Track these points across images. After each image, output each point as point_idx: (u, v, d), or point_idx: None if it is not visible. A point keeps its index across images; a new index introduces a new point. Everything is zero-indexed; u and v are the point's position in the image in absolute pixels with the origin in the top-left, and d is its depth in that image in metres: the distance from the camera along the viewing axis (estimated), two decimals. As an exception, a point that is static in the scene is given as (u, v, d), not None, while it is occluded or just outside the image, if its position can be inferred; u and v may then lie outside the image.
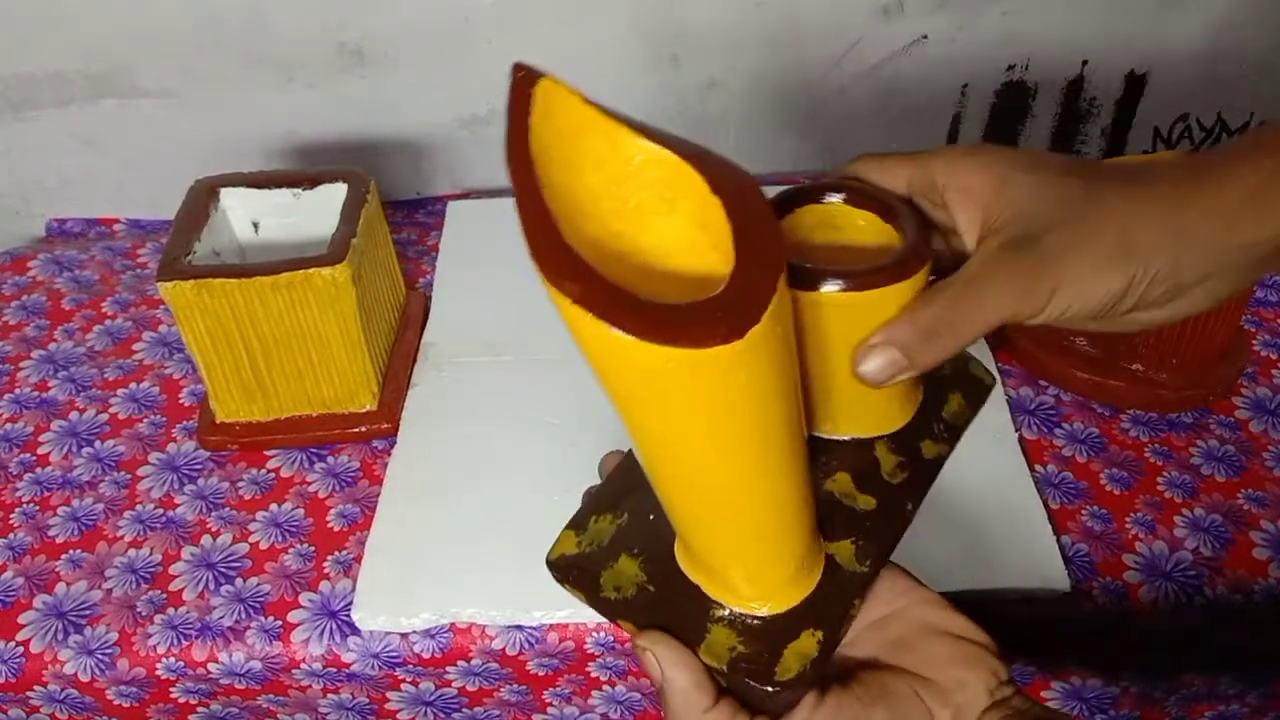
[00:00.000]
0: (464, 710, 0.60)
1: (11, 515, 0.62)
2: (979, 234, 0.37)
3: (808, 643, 0.37)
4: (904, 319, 0.35)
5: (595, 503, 0.42)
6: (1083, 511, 0.59)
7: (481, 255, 0.77)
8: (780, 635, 0.37)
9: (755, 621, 0.37)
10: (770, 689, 0.36)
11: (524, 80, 0.31)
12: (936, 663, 0.39)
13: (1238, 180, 0.35)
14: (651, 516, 0.40)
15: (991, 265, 0.35)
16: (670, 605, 0.38)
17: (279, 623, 0.56)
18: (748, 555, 0.36)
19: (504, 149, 0.30)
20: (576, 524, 0.41)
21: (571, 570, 0.40)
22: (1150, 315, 0.37)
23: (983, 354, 0.68)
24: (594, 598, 0.39)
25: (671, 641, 0.37)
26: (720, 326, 0.27)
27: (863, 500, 0.40)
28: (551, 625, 0.55)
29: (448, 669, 0.56)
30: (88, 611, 0.57)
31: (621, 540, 0.40)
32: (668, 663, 0.37)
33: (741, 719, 0.37)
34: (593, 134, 0.31)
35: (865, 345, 0.35)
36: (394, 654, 0.55)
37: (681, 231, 0.32)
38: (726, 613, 0.38)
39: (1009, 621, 0.45)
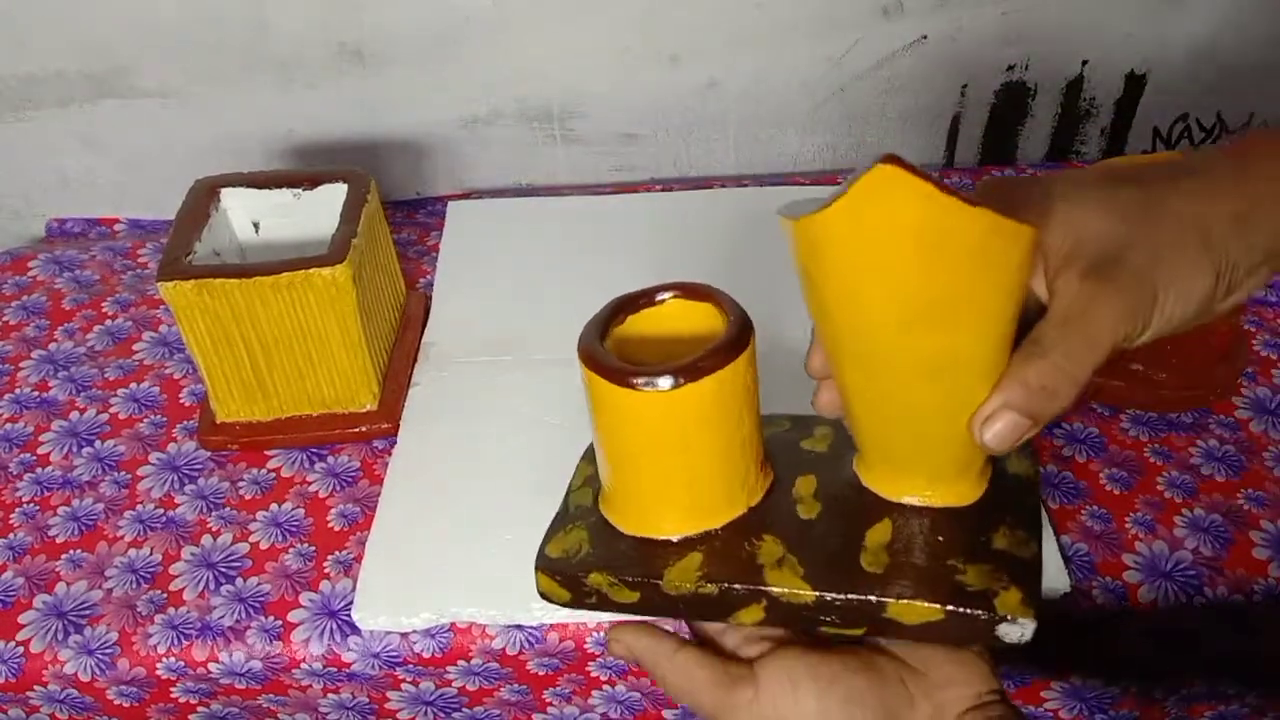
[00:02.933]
0: (464, 710, 0.60)
1: (11, 515, 0.62)
2: (1049, 268, 0.36)
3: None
4: (1014, 380, 0.35)
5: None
6: (1082, 511, 0.59)
7: (481, 255, 0.77)
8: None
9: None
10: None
11: (895, 164, 0.31)
12: (930, 659, 0.40)
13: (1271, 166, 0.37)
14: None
15: (1084, 296, 0.34)
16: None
17: (279, 622, 0.56)
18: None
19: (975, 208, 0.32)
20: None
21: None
22: (1229, 301, 0.37)
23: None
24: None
25: (632, 626, 0.42)
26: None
27: None
28: (551, 625, 0.55)
29: (448, 669, 0.56)
30: (88, 611, 0.57)
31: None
32: (633, 635, 0.42)
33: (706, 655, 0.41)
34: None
35: (982, 414, 0.35)
36: (394, 654, 0.55)
37: None
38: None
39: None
